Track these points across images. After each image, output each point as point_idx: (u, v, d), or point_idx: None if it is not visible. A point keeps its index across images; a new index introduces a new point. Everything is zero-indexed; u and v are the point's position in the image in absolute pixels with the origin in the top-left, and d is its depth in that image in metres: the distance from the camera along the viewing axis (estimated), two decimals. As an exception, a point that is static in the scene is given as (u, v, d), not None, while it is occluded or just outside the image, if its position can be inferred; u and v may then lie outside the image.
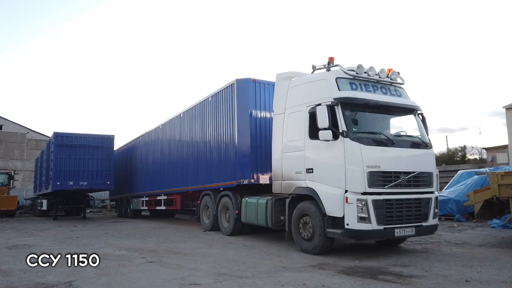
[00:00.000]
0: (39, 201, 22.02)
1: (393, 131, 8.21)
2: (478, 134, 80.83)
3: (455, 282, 5.51)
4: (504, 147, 34.01)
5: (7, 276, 6.22)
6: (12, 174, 25.78)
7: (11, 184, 25.04)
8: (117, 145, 22.06)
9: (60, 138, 17.74)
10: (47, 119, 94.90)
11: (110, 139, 18.77)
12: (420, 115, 8.43)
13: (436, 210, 7.95)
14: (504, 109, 27.54)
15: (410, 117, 8.37)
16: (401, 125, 8.41)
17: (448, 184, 16.44)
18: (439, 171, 20.54)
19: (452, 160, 41.65)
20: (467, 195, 9.61)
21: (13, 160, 38.09)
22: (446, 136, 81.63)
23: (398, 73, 8.44)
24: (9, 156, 38.06)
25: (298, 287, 5.33)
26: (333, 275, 6.03)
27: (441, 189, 17.35)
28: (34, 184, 26.45)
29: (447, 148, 45.86)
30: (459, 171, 17.03)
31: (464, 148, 45.90)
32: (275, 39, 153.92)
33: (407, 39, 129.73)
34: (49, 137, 40.86)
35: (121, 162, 22.06)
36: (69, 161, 17.59)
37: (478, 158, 44.03)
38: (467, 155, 45.28)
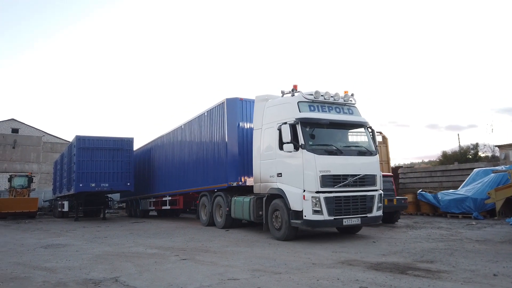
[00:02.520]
0: (59, 202, 22.48)
1: (350, 141, 10.17)
2: (490, 131, 79.87)
3: (483, 276, 5.72)
4: (518, 144, 33.74)
5: (54, 273, 6.57)
6: (32, 177, 26.39)
7: (30, 187, 25.64)
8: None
9: (82, 141, 18.19)
10: (62, 122, 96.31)
11: (129, 141, 19.19)
12: (369, 129, 10.26)
13: (380, 204, 9.68)
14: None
15: (361, 130, 10.26)
16: (355, 137, 10.28)
17: (464, 182, 16.33)
18: (452, 170, 20.61)
19: (464, 158, 41.32)
20: (488, 193, 9.77)
21: (29, 163, 38.85)
22: (458, 134, 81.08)
23: (352, 94, 10.36)
24: (25, 159, 38.83)
25: (333, 282, 5.59)
26: (364, 270, 6.28)
27: (456, 187, 17.38)
28: (53, 186, 26.98)
29: (459, 146, 45.58)
30: (474, 170, 16.74)
31: (476, 146, 45.50)
32: (263, 58, 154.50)
33: (413, 39, 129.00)
34: (64, 139, 41.76)
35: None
36: (90, 163, 18.07)
37: (489, 156, 43.64)
38: (479, 153, 44.88)
